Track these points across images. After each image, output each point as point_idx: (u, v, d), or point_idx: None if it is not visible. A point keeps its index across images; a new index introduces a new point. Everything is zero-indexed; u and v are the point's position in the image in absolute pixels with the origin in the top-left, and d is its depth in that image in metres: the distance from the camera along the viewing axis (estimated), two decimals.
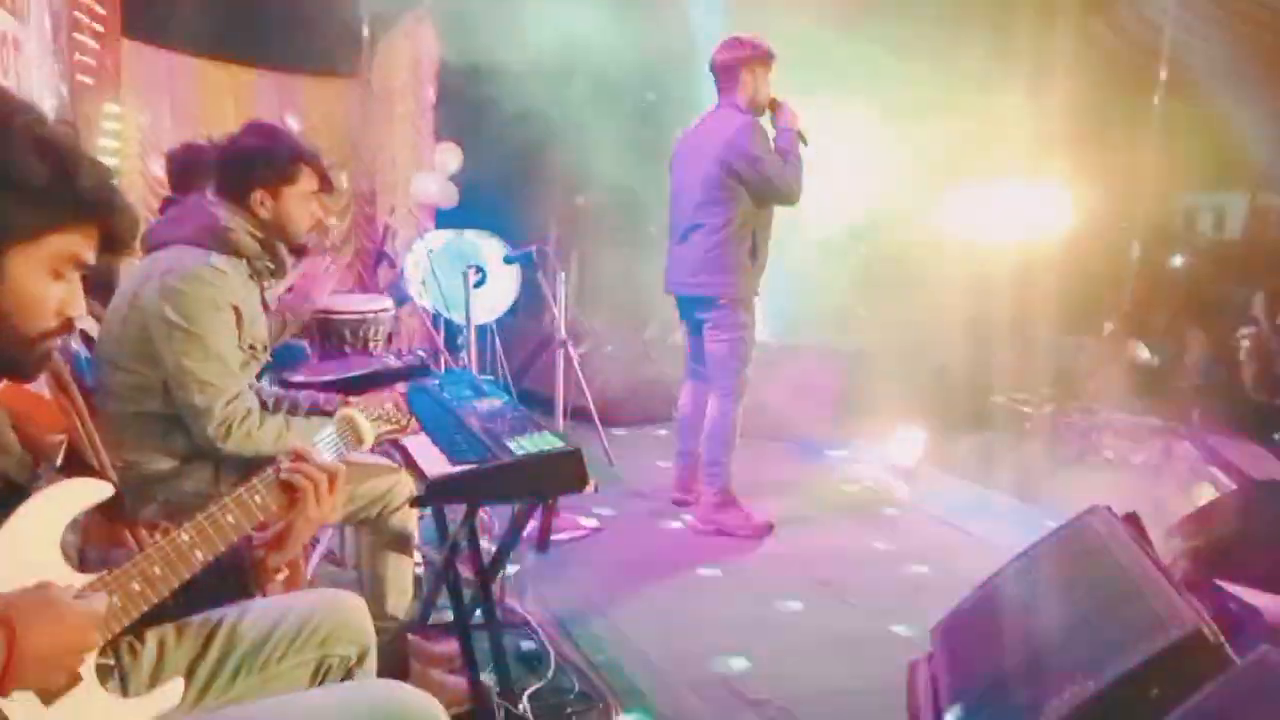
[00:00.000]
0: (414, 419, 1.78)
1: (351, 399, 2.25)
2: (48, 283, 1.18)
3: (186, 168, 3.53)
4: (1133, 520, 2.44)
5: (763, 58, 3.85)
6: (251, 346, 2.26)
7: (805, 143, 3.88)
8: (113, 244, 1.23)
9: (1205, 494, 2.85)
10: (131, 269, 2.32)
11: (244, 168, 2.28)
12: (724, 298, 3.86)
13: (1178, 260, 6.22)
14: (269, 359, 2.40)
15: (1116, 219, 5.96)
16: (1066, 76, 5.30)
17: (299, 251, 2.38)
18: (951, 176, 5.18)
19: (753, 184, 3.78)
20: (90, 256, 1.22)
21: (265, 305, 2.41)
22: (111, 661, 1.33)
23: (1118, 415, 4.75)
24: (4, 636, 1.01)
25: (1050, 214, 5.53)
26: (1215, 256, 6.05)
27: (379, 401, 1.67)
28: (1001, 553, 3.16)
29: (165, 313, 2.09)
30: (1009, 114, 5.31)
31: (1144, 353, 5.31)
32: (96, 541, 1.37)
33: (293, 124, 6.82)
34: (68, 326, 1.23)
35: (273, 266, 2.32)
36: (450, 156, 7.02)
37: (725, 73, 3.87)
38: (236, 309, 2.17)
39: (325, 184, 2.35)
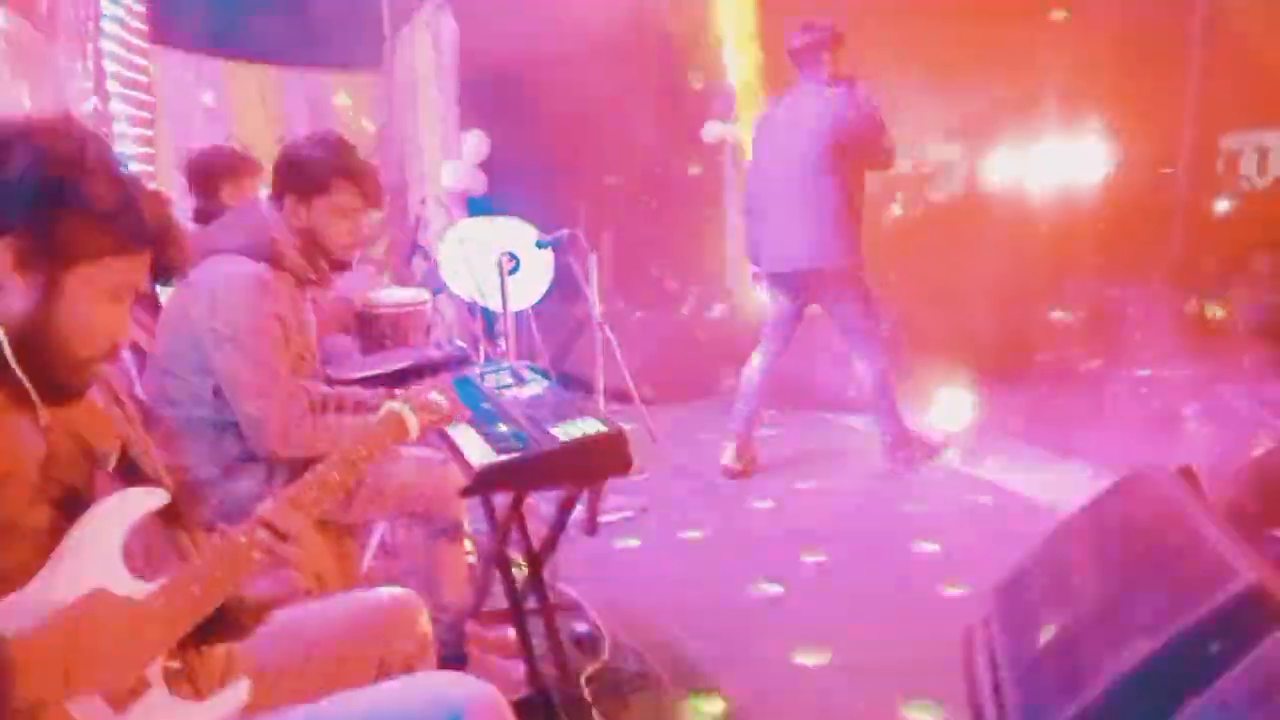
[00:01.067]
0: (461, 407, 1.80)
1: (396, 392, 2.29)
2: (103, 307, 1.22)
3: (206, 172, 3.54)
4: (1187, 474, 2.40)
5: (838, 38, 4.08)
6: (300, 355, 2.29)
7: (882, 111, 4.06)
8: (164, 272, 1.28)
9: (1261, 443, 2.79)
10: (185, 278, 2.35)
11: (282, 173, 2.31)
12: (846, 267, 4.07)
13: (1223, 204, 6.06)
14: (317, 365, 2.43)
15: (1158, 164, 5.83)
16: (1105, 15, 5.19)
17: (338, 266, 2.38)
18: (989, 129, 5.10)
19: (856, 151, 4.00)
20: (143, 284, 1.26)
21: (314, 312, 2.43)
22: (179, 665, 1.37)
23: (1167, 367, 4.66)
24: (62, 641, 1.04)
25: (1090, 164, 5.43)
26: (1261, 198, 5.88)
27: (422, 393, 1.68)
28: (1051, 512, 3.15)
29: (215, 325, 2.13)
30: (1046, 63, 5.20)
31: (1216, 312, 5.22)
32: (155, 548, 1.40)
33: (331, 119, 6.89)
34: (115, 351, 1.27)
35: (314, 277, 2.34)
36: (477, 144, 7.03)
37: (805, 55, 4.11)
38: (282, 319, 2.20)
39: (369, 200, 2.33)
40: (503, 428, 2.17)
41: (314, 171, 2.27)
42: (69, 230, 1.17)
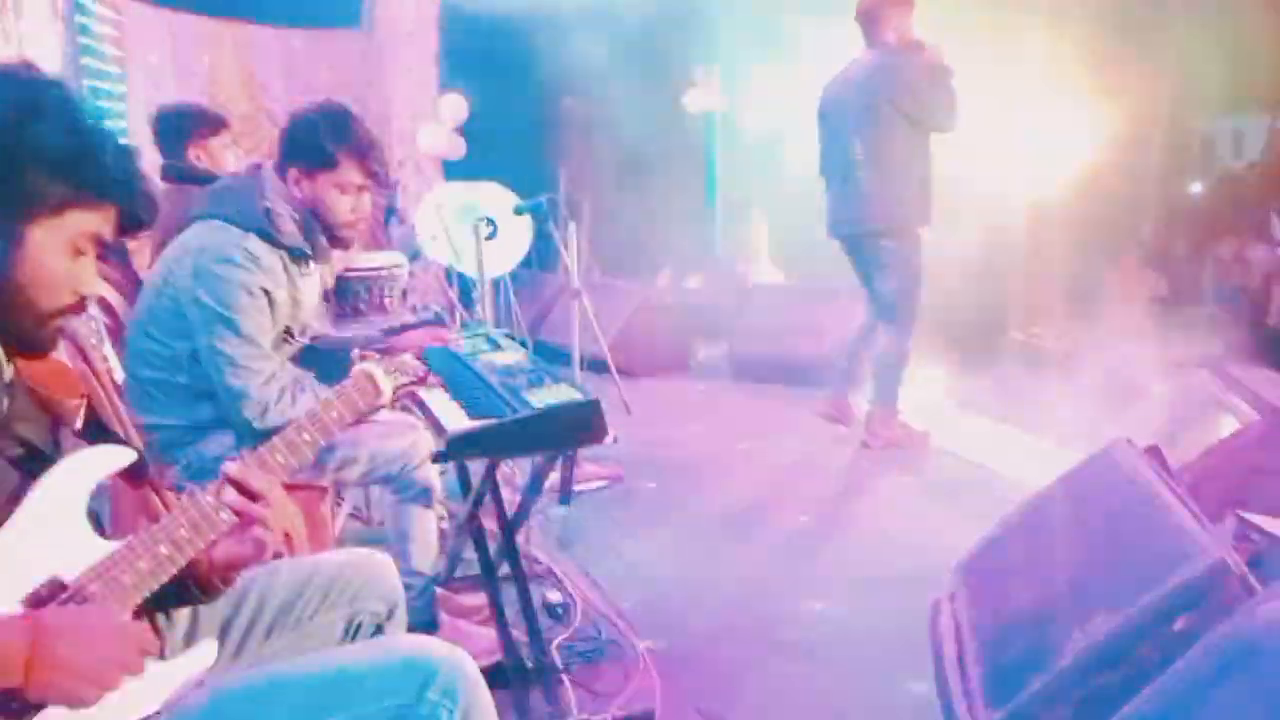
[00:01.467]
0: (430, 373, 1.78)
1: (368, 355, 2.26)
2: (66, 259, 1.19)
3: (173, 128, 3.47)
4: (1154, 452, 2.43)
5: (905, 1, 4.07)
6: (287, 329, 2.26)
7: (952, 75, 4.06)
8: (130, 224, 1.25)
9: (1227, 424, 2.83)
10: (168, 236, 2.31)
11: (289, 143, 2.27)
12: (890, 232, 4.08)
13: (1196, 187, 6.10)
14: (306, 341, 2.40)
15: (1133, 147, 5.85)
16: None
17: (338, 243, 2.35)
18: (963, 105, 5.09)
19: (913, 114, 3.98)
20: (108, 235, 1.23)
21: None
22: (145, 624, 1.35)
23: (1137, 347, 4.71)
24: (28, 633, 1.02)
25: (1064, 145, 5.44)
26: (1234, 181, 5.94)
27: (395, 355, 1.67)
28: (1022, 489, 3.18)
29: (199, 295, 2.11)
30: (1022, 41, 5.19)
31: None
32: (122, 506, 1.38)
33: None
34: (81, 305, 1.24)
35: (309, 253, 2.30)
36: (456, 107, 6.95)
37: (871, 17, 4.08)
38: (268, 293, 2.17)
39: (374, 179, 2.30)
40: (477, 394, 2.15)
41: (323, 146, 2.22)
42: (27, 180, 1.14)
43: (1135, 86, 5.52)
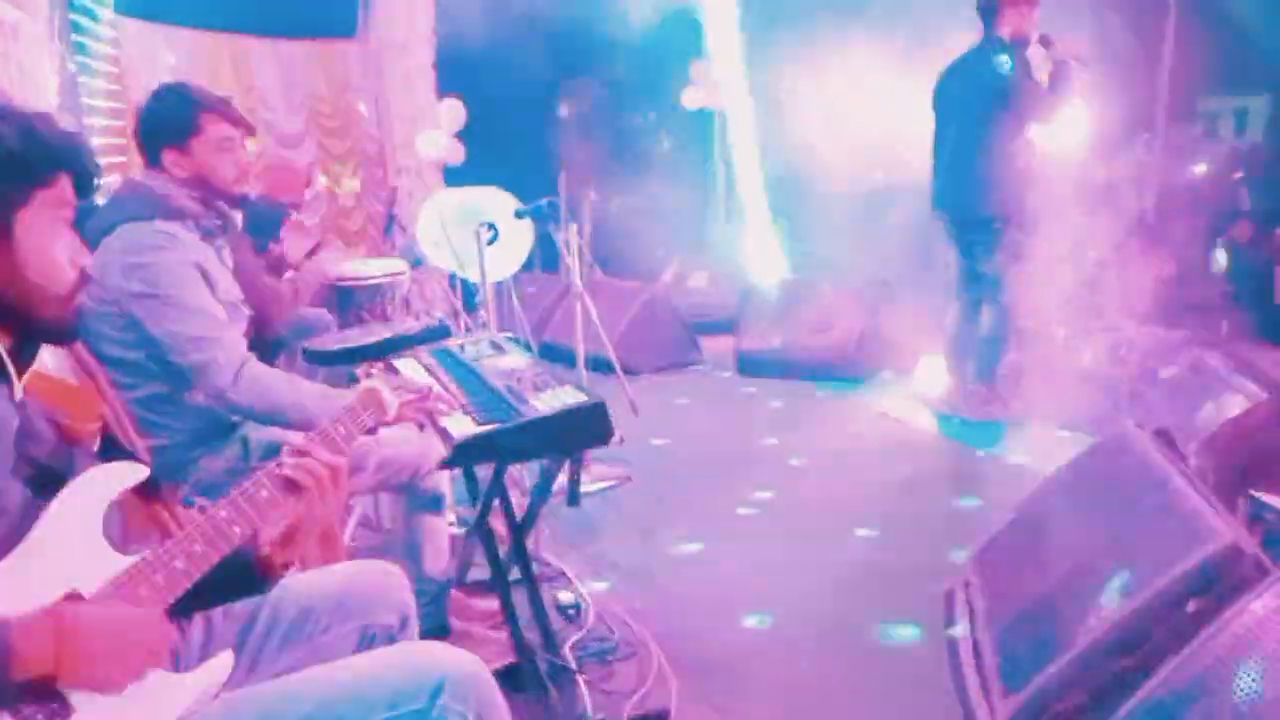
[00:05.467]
0: (434, 384, 1.79)
1: (372, 368, 2.27)
2: (55, 238, 1.24)
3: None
4: (1164, 435, 2.43)
5: (1025, 1, 4.21)
6: (233, 304, 2.26)
7: (1084, 64, 4.22)
8: (85, 183, 1.29)
9: (1236, 405, 2.82)
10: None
11: (148, 133, 2.27)
12: (998, 217, 4.22)
13: (1200, 167, 6.08)
14: (250, 311, 2.39)
15: (1136, 128, 5.83)
16: None
17: (236, 202, 2.36)
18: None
19: (1013, 107, 4.14)
20: (73, 199, 1.27)
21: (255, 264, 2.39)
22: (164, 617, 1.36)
23: (1144, 330, 4.70)
24: (53, 628, 1.05)
25: (1066, 127, 5.42)
26: (1237, 161, 5.91)
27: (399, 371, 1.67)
28: (1033, 476, 3.17)
29: (134, 289, 2.08)
30: None
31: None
32: (135, 523, 1.39)
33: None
34: (85, 275, 1.28)
35: (220, 223, 2.30)
36: (454, 113, 6.96)
37: (989, 11, 4.24)
38: (200, 267, 2.16)
39: (241, 126, 2.31)
40: (482, 399, 2.16)
41: (180, 115, 2.24)
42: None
43: (1136, 68, 5.51)
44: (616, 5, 5.91)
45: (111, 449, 1.35)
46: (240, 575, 1.33)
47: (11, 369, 1.22)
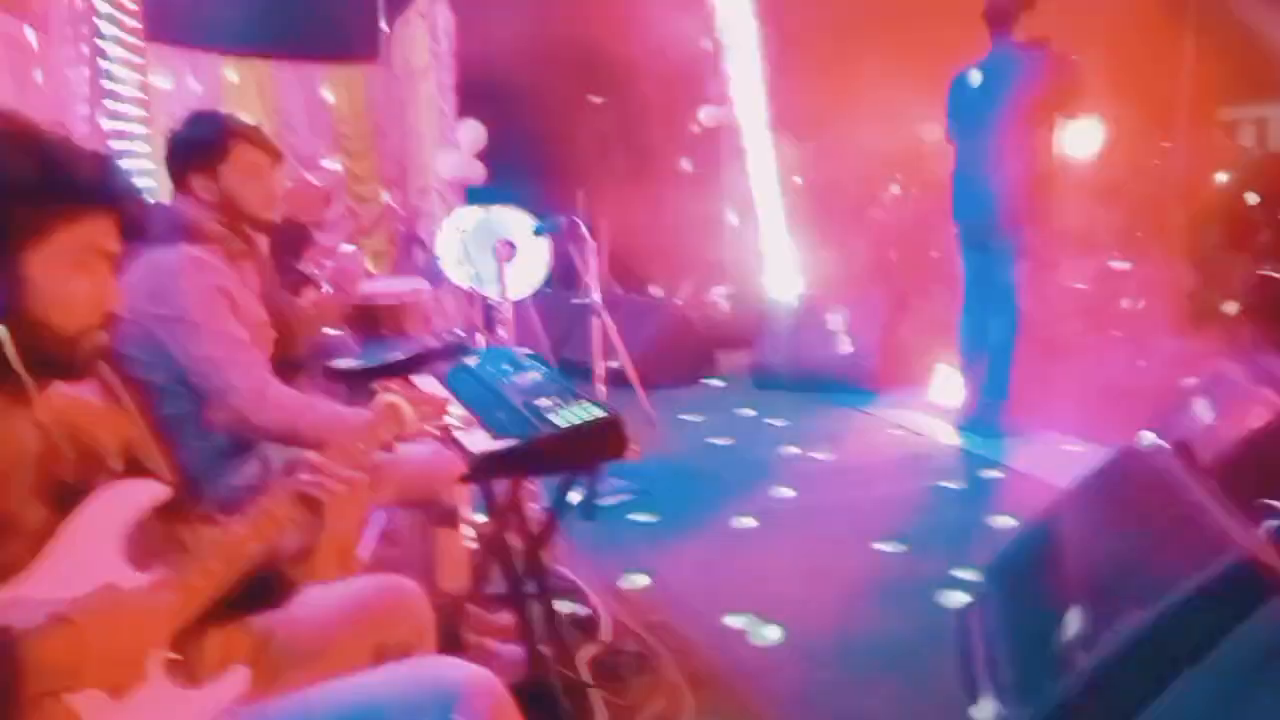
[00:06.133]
0: (450, 402, 1.81)
1: (391, 385, 2.29)
2: (73, 278, 1.19)
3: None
4: (1183, 447, 2.41)
5: (1030, 2, 4.22)
6: (257, 327, 2.29)
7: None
8: (128, 229, 1.24)
9: (1258, 417, 2.79)
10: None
11: (178, 157, 2.29)
12: (1017, 226, 4.22)
13: (1221, 177, 6.03)
14: (274, 334, 2.42)
15: (1156, 137, 5.80)
16: None
17: (264, 228, 2.37)
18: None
19: (1043, 112, 4.14)
20: (113, 244, 1.23)
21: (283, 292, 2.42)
22: (177, 656, 1.38)
23: (1163, 340, 4.67)
24: (71, 638, 1.05)
25: (1083, 138, 5.41)
26: (1259, 170, 5.86)
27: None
28: (1049, 488, 3.16)
29: (160, 312, 2.10)
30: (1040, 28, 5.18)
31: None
32: (155, 541, 1.41)
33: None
34: (107, 319, 1.24)
35: (245, 247, 2.33)
36: (474, 133, 7.03)
37: (1000, 17, 4.22)
38: (225, 291, 2.18)
39: (271, 154, 2.33)
40: (501, 415, 2.18)
41: (209, 141, 2.26)
42: (4, 213, 1.13)
43: (1154, 77, 5.48)
44: (635, 25, 5.96)
45: (134, 469, 1.35)
46: (256, 589, 1.33)
47: (33, 388, 1.22)
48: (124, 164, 4.74)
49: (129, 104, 5.04)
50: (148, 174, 4.93)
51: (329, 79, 7.31)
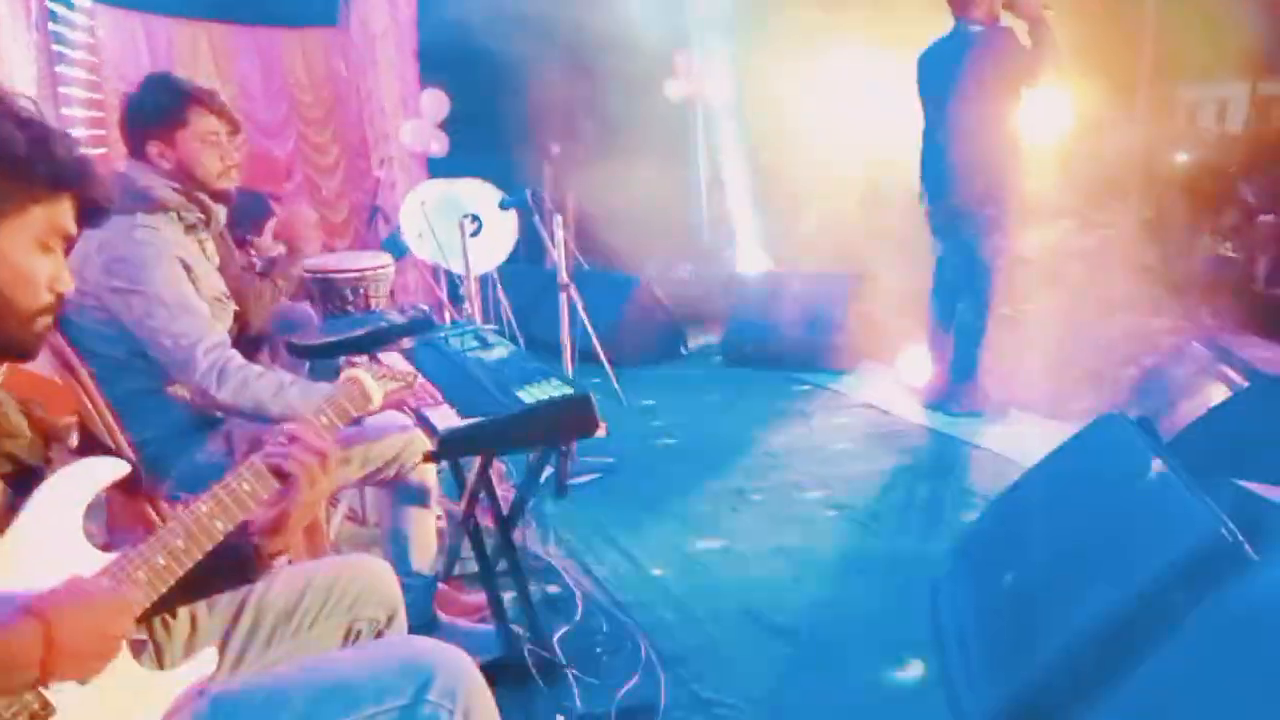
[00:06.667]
0: (418, 377, 1.78)
1: (356, 359, 2.25)
2: (37, 257, 1.19)
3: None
4: (1147, 424, 2.44)
5: None
6: (216, 299, 2.24)
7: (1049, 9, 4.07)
8: (91, 212, 1.25)
9: (1219, 394, 2.83)
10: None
11: (134, 122, 2.24)
12: (987, 202, 4.18)
13: (1182, 156, 6.11)
14: (235, 306, 2.37)
15: (1117, 117, 5.86)
16: None
17: (221, 197, 2.33)
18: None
19: (1004, 82, 4.09)
20: (72, 227, 1.23)
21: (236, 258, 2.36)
22: (144, 636, 1.35)
23: (1127, 319, 4.73)
24: (40, 632, 1.03)
25: (1048, 117, 5.44)
26: (1219, 150, 5.94)
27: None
28: (1017, 465, 3.19)
29: (114, 284, 2.06)
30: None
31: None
32: (118, 519, 1.37)
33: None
34: (60, 301, 1.24)
35: (203, 217, 2.29)
36: (437, 103, 6.92)
37: None
38: (182, 261, 2.14)
39: (228, 122, 2.29)
40: (468, 392, 2.14)
41: (167, 107, 2.22)
42: None
43: (1117, 58, 5.52)
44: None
45: (89, 444, 1.32)
46: (229, 566, 1.31)
47: None
48: (74, 130, 4.61)
49: (79, 68, 4.89)
50: (98, 140, 4.80)
51: (288, 46, 7.14)
